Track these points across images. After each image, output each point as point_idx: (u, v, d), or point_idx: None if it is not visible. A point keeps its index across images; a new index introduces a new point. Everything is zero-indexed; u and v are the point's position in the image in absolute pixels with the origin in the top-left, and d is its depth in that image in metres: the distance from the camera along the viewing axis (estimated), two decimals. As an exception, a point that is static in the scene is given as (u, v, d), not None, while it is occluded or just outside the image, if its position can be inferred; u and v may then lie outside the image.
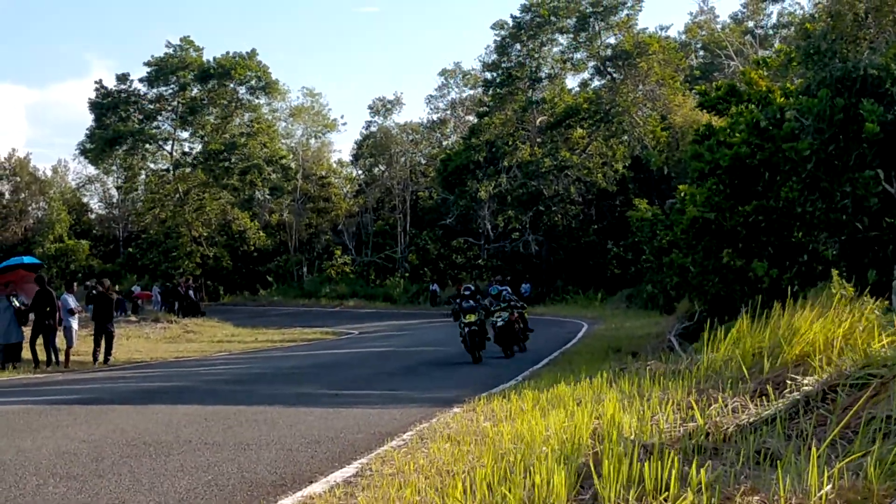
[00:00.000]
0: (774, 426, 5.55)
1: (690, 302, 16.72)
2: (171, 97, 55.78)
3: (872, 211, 11.97)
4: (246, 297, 54.01)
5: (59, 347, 17.54)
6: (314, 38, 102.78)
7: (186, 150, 58.01)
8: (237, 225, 55.22)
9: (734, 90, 15.55)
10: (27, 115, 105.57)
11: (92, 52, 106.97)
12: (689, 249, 14.23)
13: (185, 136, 58.09)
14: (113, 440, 7.82)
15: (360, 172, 60.17)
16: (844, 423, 5.13)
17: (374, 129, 57.26)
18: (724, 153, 13.30)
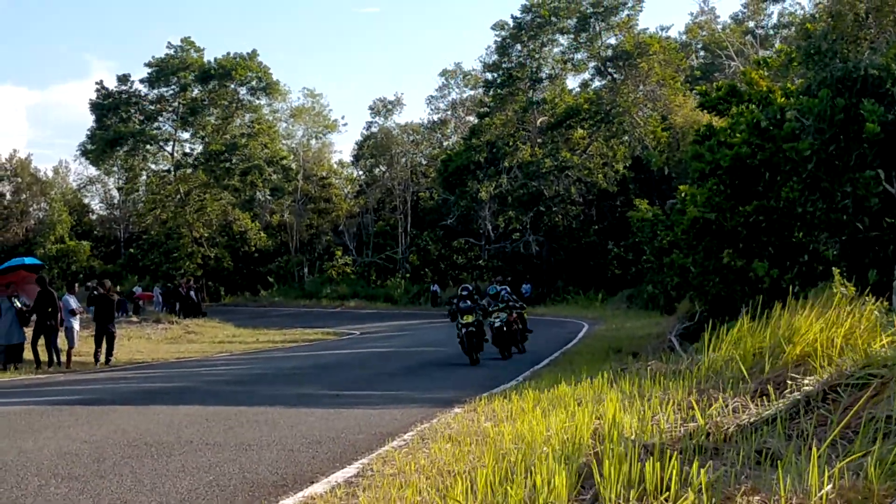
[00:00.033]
0: (775, 426, 5.55)
1: (691, 302, 16.74)
2: (171, 98, 55.86)
3: (873, 211, 11.98)
4: (247, 297, 54.04)
5: (60, 348, 17.54)
6: (314, 38, 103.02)
7: (187, 150, 58.19)
8: (238, 226, 55.24)
9: (735, 90, 15.56)
10: (28, 116, 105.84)
11: (92, 52, 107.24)
12: (689, 250, 14.24)
13: (185, 136, 58.33)
14: (114, 441, 7.83)
15: (360, 173, 60.21)
16: (845, 423, 5.13)
17: (374, 129, 57.32)
18: (724, 153, 13.31)
